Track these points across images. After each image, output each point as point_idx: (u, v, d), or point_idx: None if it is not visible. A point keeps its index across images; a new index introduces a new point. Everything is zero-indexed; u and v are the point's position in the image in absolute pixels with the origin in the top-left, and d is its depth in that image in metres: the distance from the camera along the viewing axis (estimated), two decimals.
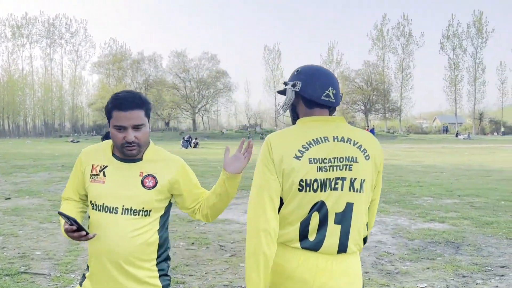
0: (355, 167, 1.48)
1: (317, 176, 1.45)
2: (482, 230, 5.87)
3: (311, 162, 1.46)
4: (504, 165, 16.23)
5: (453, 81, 74.74)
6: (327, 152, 1.48)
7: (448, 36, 75.14)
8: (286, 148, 1.48)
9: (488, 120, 76.99)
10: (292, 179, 1.45)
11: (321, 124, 1.54)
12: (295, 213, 1.47)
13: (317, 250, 1.46)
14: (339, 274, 1.47)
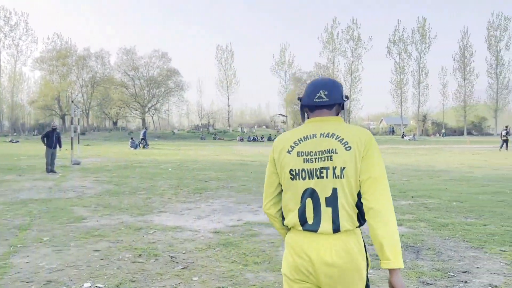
0: (335, 157, 1.74)
1: (304, 167, 1.77)
2: (439, 233, 5.82)
3: (299, 155, 1.79)
4: (450, 165, 16.84)
5: (399, 84, 77.84)
6: (313, 146, 1.78)
7: (394, 40, 78.17)
8: (283, 146, 1.84)
9: (431, 122, 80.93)
10: (285, 170, 1.80)
11: (315, 124, 1.85)
12: (292, 200, 1.80)
13: (317, 231, 1.72)
14: (338, 251, 1.69)
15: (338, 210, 1.72)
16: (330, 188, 1.73)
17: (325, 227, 1.72)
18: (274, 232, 5.88)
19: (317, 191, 1.74)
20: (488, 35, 76.18)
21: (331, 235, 1.72)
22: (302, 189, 1.77)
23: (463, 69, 77.05)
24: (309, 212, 1.75)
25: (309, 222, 1.75)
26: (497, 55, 75.61)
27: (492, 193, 9.24)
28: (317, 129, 1.82)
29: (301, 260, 1.75)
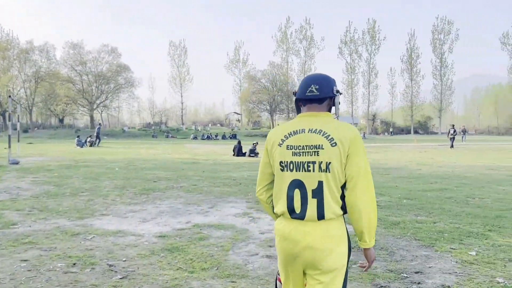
0: (321, 152, 1.88)
1: (293, 159, 1.92)
2: (391, 232, 5.76)
3: (288, 148, 1.94)
4: (399, 163, 17.27)
5: (350, 84, 79.97)
6: (301, 141, 1.93)
7: (345, 41, 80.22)
8: (275, 138, 2.00)
9: (380, 121, 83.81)
10: (276, 161, 1.97)
11: (305, 119, 1.99)
12: (280, 190, 1.96)
13: (303, 219, 1.90)
14: (321, 236, 1.88)
15: (323, 201, 1.89)
16: (316, 181, 1.90)
17: (311, 215, 1.91)
18: (224, 235, 5.58)
19: (305, 183, 1.92)
20: (433, 38, 79.96)
21: (316, 222, 1.91)
22: (290, 180, 1.94)
23: (410, 70, 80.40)
24: (297, 202, 1.93)
25: (297, 211, 1.93)
26: (441, 58, 79.55)
27: (439, 190, 9.44)
28: (306, 124, 1.98)
29: (289, 244, 1.95)
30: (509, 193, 8.97)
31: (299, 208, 1.93)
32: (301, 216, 1.92)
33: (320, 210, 1.89)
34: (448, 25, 79.26)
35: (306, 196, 1.91)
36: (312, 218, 1.91)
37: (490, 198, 8.38)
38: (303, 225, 1.93)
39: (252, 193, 9.01)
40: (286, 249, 1.97)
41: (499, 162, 17.73)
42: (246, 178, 11.67)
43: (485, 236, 5.44)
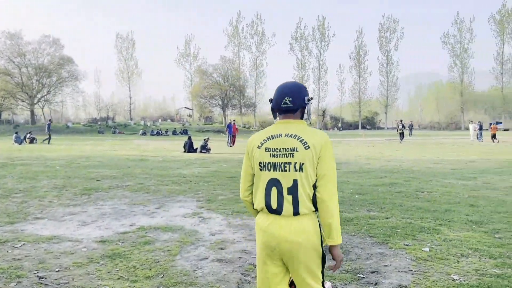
0: (296, 154, 2.10)
1: (271, 160, 2.14)
2: (345, 229, 5.62)
3: (267, 151, 2.16)
4: (349, 157, 17.51)
5: (300, 80, 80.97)
6: (278, 144, 2.14)
7: (296, 37, 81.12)
8: (255, 142, 2.22)
9: (330, 116, 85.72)
10: (256, 162, 2.18)
11: (282, 125, 2.20)
12: (259, 187, 2.18)
13: (280, 214, 2.11)
14: (296, 231, 2.09)
15: (298, 197, 2.08)
16: (291, 179, 2.09)
17: (287, 211, 2.09)
18: (171, 238, 5.20)
19: (281, 182, 2.10)
20: (380, 36, 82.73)
21: (292, 217, 2.09)
22: (268, 178, 2.13)
23: (358, 67, 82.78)
24: (274, 199, 2.11)
25: (273, 207, 2.11)
26: (387, 55, 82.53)
27: (389, 184, 9.54)
28: (283, 130, 2.17)
29: (267, 237, 2.13)
30: (454, 187, 9.23)
31: (276, 203, 2.12)
32: (278, 211, 2.12)
33: (295, 206, 2.09)
34: (394, 24, 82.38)
35: (282, 193, 2.11)
36: (288, 214, 2.10)
37: (438, 192, 8.55)
38: (280, 219, 2.12)
39: (203, 191, 8.65)
40: (265, 242, 2.17)
41: (442, 156, 18.48)
42: (196, 175, 11.26)
43: (436, 231, 5.44)
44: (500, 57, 79.36)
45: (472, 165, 13.99)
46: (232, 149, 23.58)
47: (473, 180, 10.36)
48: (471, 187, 9.15)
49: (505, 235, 5.26)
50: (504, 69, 79.40)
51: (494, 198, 7.84)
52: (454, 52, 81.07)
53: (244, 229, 5.60)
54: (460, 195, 8.15)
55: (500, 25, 78.45)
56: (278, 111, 2.23)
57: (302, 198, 2.08)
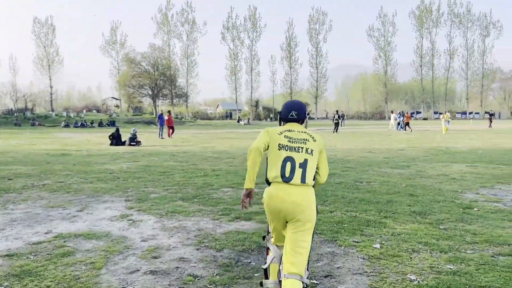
0: (307, 143, 2.90)
1: (288, 144, 2.86)
2: None
3: (286, 137, 2.89)
4: None
5: (233, 70, 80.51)
6: (294, 135, 2.92)
7: (228, 27, 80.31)
8: (275, 130, 2.94)
9: (263, 107, 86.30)
10: (275, 143, 2.85)
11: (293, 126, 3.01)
12: (276, 161, 2.80)
13: (289, 182, 2.74)
14: (302, 196, 2.75)
15: (306, 171, 2.80)
16: (303, 158, 2.83)
17: (296, 180, 2.76)
18: (96, 247, 4.47)
19: (295, 159, 2.81)
20: (309, 28, 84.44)
21: (300, 185, 2.77)
22: (283, 156, 2.81)
23: (289, 58, 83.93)
24: (287, 170, 2.78)
25: (286, 175, 2.76)
26: (317, 47, 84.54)
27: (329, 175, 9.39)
28: (295, 128, 2.99)
29: (277, 202, 2.76)
30: (391, 176, 9.31)
31: (288, 173, 2.76)
32: (289, 179, 2.74)
33: (303, 177, 2.77)
34: (323, 16, 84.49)
35: (294, 167, 2.77)
36: (297, 182, 2.75)
37: (377, 181, 8.53)
38: (289, 187, 2.74)
39: (133, 189, 7.87)
40: (273, 205, 2.79)
41: (373, 144, 19.04)
42: (125, 171, 10.36)
43: (383, 224, 5.25)
44: (419, 50, 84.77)
45: (402, 154, 14.45)
46: (164, 142, 22.55)
47: (406, 168, 10.58)
48: (407, 176, 9.28)
49: (449, 225, 5.19)
50: (423, 61, 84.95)
51: (430, 186, 7.95)
52: (378, 45, 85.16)
53: (181, 232, 5.01)
54: (398, 184, 8.17)
55: (419, 20, 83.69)
56: (286, 120, 3.07)
57: (309, 172, 2.83)
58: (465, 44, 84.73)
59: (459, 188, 7.78)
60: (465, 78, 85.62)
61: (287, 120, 3.04)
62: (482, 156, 13.19)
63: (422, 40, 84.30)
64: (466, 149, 16.16)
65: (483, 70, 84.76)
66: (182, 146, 19.10)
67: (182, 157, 13.63)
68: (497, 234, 4.79)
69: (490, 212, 5.88)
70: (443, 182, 8.48)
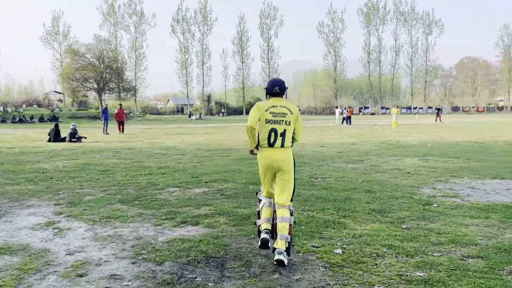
0: (286, 116, 3.85)
1: (272, 118, 3.82)
2: (242, 230, 4.71)
3: (270, 113, 3.83)
4: (238, 143, 16.84)
5: (183, 64, 78.70)
6: (277, 110, 3.85)
7: (178, 20, 78.31)
8: (263, 106, 3.87)
9: (215, 102, 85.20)
10: (264, 117, 3.82)
11: (276, 101, 3.93)
12: (265, 132, 3.82)
13: (273, 146, 3.81)
14: (283, 155, 3.84)
15: (285, 138, 3.85)
16: (283, 129, 3.85)
17: (278, 145, 3.84)
18: (8, 264, 3.69)
19: (277, 129, 3.84)
20: (261, 23, 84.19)
21: (280, 148, 3.85)
22: (269, 128, 3.84)
23: (241, 53, 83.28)
24: (272, 138, 3.84)
25: (271, 142, 3.84)
26: (268, 42, 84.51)
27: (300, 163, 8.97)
28: (277, 103, 3.91)
29: (266, 160, 3.87)
30: (346, 171, 9.02)
31: (273, 141, 3.87)
32: (272, 145, 3.87)
33: (282, 142, 3.88)
34: (274, 11, 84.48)
35: (276, 136, 3.86)
36: (278, 146, 3.87)
37: (332, 177, 8.19)
38: (273, 149, 3.88)
39: (66, 190, 7.00)
40: (266, 162, 3.91)
41: (325, 139, 18.94)
42: (61, 170, 9.37)
43: (342, 225, 4.84)
44: (367, 46, 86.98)
45: (354, 148, 14.35)
46: (109, 137, 21.26)
47: (360, 163, 10.37)
48: (361, 171, 9.03)
49: (411, 224, 4.87)
50: (370, 58, 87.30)
51: (386, 181, 7.70)
52: (328, 41, 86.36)
53: (116, 242, 4.32)
54: (353, 180, 7.87)
55: (367, 17, 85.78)
56: (271, 94, 3.97)
57: (287, 139, 3.90)
58: (410, 42, 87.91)
59: (415, 182, 7.59)
60: (410, 74, 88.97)
61: (272, 93, 3.97)
62: (432, 150, 13.34)
63: (370, 37, 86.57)
64: (415, 142, 16.39)
65: (426, 66, 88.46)
66: (128, 142, 18.03)
67: (126, 154, 12.70)
68: (462, 233, 4.51)
69: (450, 208, 5.66)
70: (398, 176, 8.28)
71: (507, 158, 10.95)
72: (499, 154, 12.02)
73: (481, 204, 5.91)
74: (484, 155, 11.66)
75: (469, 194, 6.59)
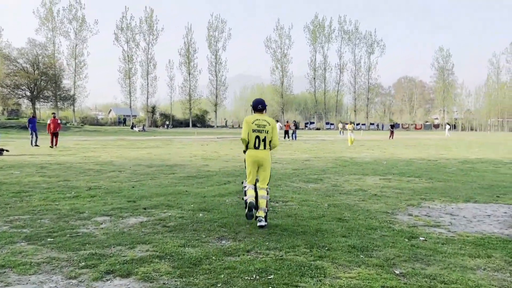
0: (266, 127, 5.55)
1: (256, 129, 5.54)
2: (191, 284, 3.46)
3: (255, 125, 5.54)
4: (183, 158, 15.44)
5: (127, 73, 75.64)
6: (260, 122, 5.56)
7: (122, 28, 75.41)
8: (250, 120, 5.58)
9: (159, 113, 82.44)
10: (251, 128, 5.52)
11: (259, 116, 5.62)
12: (251, 138, 5.53)
13: (258, 148, 5.54)
14: (265, 154, 5.56)
15: (266, 143, 5.52)
16: (264, 136, 5.51)
17: (261, 147, 5.51)
18: None
19: (260, 137, 5.49)
20: (208, 35, 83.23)
21: (262, 150, 5.52)
22: (254, 136, 5.48)
23: (188, 64, 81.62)
24: (257, 143, 5.49)
25: (256, 145, 5.49)
26: (216, 54, 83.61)
27: (236, 192, 7.80)
28: (260, 117, 5.56)
29: (253, 157, 5.50)
30: (308, 192, 8.03)
31: (257, 145, 5.47)
32: (257, 148, 5.48)
33: (264, 146, 5.50)
34: (222, 24, 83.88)
35: (259, 141, 5.47)
36: (261, 149, 5.49)
37: (294, 200, 7.15)
38: (258, 151, 5.49)
39: None
40: (252, 159, 5.49)
41: (276, 154, 18.02)
42: None
43: (321, 271, 3.75)
44: (313, 63, 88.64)
45: (309, 165, 13.50)
46: (37, 150, 18.96)
47: (320, 182, 9.45)
48: (324, 192, 8.09)
49: (405, 269, 3.88)
50: (316, 74, 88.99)
51: (355, 206, 6.78)
52: (275, 56, 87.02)
53: None
54: (319, 204, 6.87)
55: (313, 35, 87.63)
56: (255, 110, 5.63)
57: (267, 143, 5.52)
58: (353, 60, 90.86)
59: (387, 207, 6.73)
60: (353, 92, 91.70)
61: (256, 109, 5.61)
62: (390, 167, 12.78)
63: (316, 54, 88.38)
64: (369, 159, 15.89)
65: (369, 84, 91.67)
66: (59, 156, 16.00)
67: (53, 171, 10.92)
68: (473, 282, 3.58)
69: (440, 243, 4.76)
70: (366, 199, 7.41)
71: (466, 178, 10.54)
72: (457, 173, 11.65)
73: (472, 236, 5.09)
74: (443, 174, 11.21)
75: (452, 223, 5.79)
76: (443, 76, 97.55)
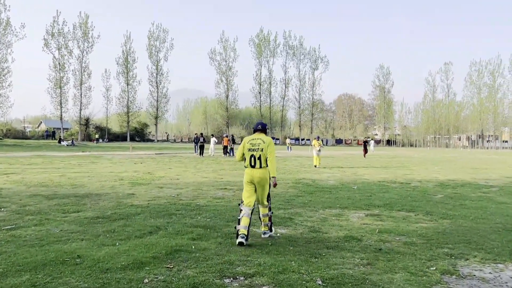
0: (260, 145, 5.83)
1: (251, 147, 5.87)
2: None
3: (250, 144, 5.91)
4: (104, 183, 12.06)
5: (58, 82, 69.50)
6: (255, 141, 5.91)
7: (53, 33, 69.39)
8: (247, 140, 6.00)
9: (94, 126, 76.51)
10: (246, 147, 5.91)
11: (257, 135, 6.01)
12: (247, 157, 5.87)
13: (254, 167, 5.78)
14: (261, 173, 5.75)
15: (261, 161, 5.75)
16: (259, 154, 5.77)
17: (257, 166, 5.75)
18: None
19: (255, 155, 5.78)
20: (149, 44, 79.11)
21: (259, 169, 5.75)
22: (250, 154, 5.81)
23: (126, 74, 76.80)
24: (252, 162, 5.78)
25: (252, 164, 5.78)
26: (157, 65, 79.50)
27: (165, 255, 4.82)
28: (257, 136, 5.95)
29: (249, 176, 5.79)
30: (279, 247, 5.23)
31: (253, 163, 5.77)
32: (254, 166, 5.76)
33: (260, 164, 5.74)
34: (164, 33, 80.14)
35: (255, 160, 5.76)
36: (257, 167, 5.75)
37: (262, 274, 4.30)
38: (254, 170, 5.75)
39: None
40: (249, 178, 5.78)
41: (225, 176, 15.11)
42: None
43: None
44: (258, 77, 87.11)
45: None
46: None
47: (291, 223, 6.72)
48: (304, 247, 5.34)
49: None
50: (261, 89, 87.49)
51: (362, 281, 4.07)
52: (220, 69, 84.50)
53: None
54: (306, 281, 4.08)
55: (259, 48, 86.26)
56: (255, 130, 6.06)
57: (263, 162, 5.74)
58: (298, 75, 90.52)
59: (413, 281, 4.09)
60: (298, 107, 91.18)
61: (256, 130, 6.07)
62: (367, 195, 10.33)
63: (261, 68, 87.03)
64: (334, 182, 13.47)
65: (313, 100, 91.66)
66: None
67: None
68: None
69: None
70: (371, 261, 4.75)
71: (469, 211, 8.33)
72: (450, 203, 9.43)
73: None
74: (437, 206, 8.93)
75: None
76: (384, 93, 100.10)
